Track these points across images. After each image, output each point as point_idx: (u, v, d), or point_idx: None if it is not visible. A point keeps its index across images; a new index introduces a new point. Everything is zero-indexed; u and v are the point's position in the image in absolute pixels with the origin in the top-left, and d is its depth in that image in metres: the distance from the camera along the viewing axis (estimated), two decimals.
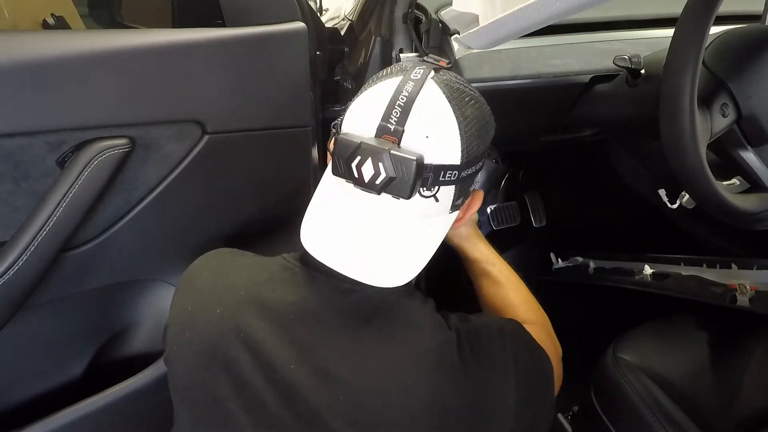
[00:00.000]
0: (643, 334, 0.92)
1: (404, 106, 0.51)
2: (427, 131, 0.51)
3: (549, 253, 1.48)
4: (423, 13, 0.90)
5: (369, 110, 0.53)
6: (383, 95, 0.52)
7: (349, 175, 0.52)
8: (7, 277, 0.69)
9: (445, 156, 0.51)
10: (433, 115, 0.51)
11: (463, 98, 0.54)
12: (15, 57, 0.62)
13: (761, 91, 0.67)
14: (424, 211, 0.54)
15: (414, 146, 0.50)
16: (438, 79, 0.54)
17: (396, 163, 0.49)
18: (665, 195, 0.81)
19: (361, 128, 0.52)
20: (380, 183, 0.50)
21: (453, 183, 0.53)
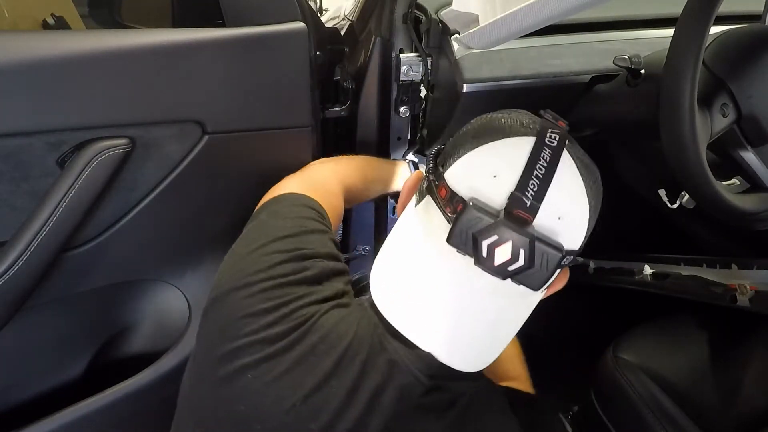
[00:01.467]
0: (643, 334, 0.92)
1: (543, 178, 0.44)
2: (561, 211, 0.45)
3: None
4: (423, 13, 0.90)
5: (497, 170, 0.46)
6: (516, 157, 0.46)
7: (474, 253, 0.45)
8: (7, 277, 0.69)
9: (571, 241, 0.46)
10: (569, 194, 0.46)
11: (592, 177, 0.49)
12: (15, 57, 0.62)
13: (761, 91, 0.67)
14: (526, 291, 0.48)
15: (546, 226, 0.45)
16: (572, 151, 0.48)
17: (539, 252, 0.43)
18: (665, 195, 0.81)
19: (485, 191, 0.46)
20: (512, 270, 0.44)
21: (565, 266, 0.49)
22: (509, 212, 0.44)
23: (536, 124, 0.49)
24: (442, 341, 0.47)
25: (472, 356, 0.48)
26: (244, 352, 0.48)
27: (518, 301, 0.49)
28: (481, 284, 0.47)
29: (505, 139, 0.48)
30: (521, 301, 0.49)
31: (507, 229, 0.43)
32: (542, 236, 0.44)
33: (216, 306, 0.52)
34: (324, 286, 0.53)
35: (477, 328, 0.48)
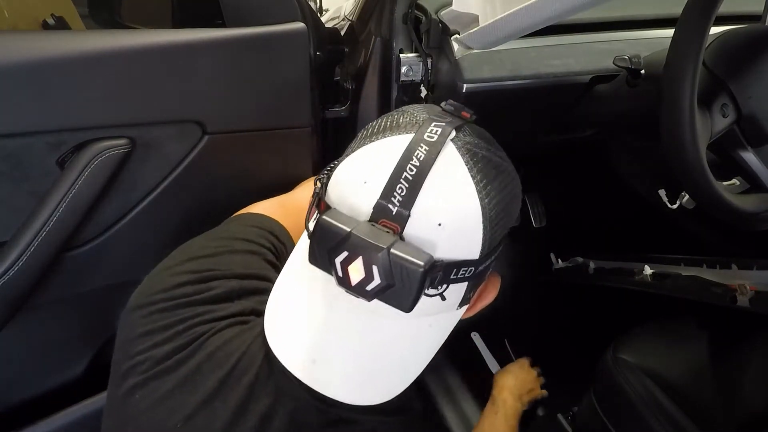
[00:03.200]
0: (643, 334, 0.92)
1: (413, 180, 0.38)
2: (440, 217, 0.38)
3: (549, 253, 1.48)
4: (423, 14, 0.90)
5: (364, 178, 0.39)
6: (385, 160, 0.39)
7: (330, 271, 0.39)
8: (7, 277, 0.69)
9: (461, 251, 0.39)
10: (450, 195, 0.39)
11: (489, 170, 0.41)
12: (15, 57, 0.62)
13: (761, 91, 0.67)
14: (425, 310, 0.41)
15: (422, 236, 0.38)
16: (460, 143, 0.41)
17: (396, 267, 0.36)
18: (665, 195, 0.81)
19: (352, 204, 0.39)
20: (372, 290, 0.37)
21: (467, 281, 0.41)
22: (374, 224, 0.38)
23: (426, 119, 0.42)
24: (321, 371, 0.42)
25: (365, 388, 0.42)
26: (135, 371, 0.45)
27: (421, 322, 0.42)
28: (355, 307, 0.41)
29: (384, 139, 0.41)
30: (426, 321, 0.43)
31: (357, 244, 0.36)
32: (402, 249, 0.36)
33: (122, 321, 0.50)
34: (234, 303, 0.50)
35: (364, 356, 0.42)
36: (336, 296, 0.41)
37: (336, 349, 0.42)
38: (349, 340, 0.42)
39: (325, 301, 0.42)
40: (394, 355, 0.43)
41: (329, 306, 0.42)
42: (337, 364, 0.42)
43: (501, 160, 0.44)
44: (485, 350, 1.34)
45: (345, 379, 0.42)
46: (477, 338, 1.35)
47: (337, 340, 0.42)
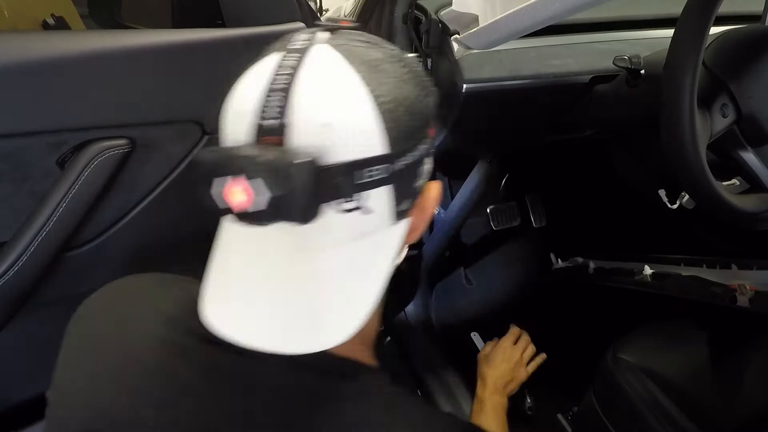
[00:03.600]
0: (643, 334, 0.92)
1: (283, 87, 0.35)
2: (323, 117, 0.35)
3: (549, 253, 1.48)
4: (423, 14, 0.90)
5: (239, 106, 0.37)
6: (255, 80, 0.37)
7: (217, 207, 0.36)
8: (7, 277, 0.69)
9: (360, 148, 0.35)
10: (328, 90, 0.36)
11: (372, 58, 0.38)
12: (15, 57, 0.62)
13: (761, 91, 0.67)
14: (353, 231, 0.37)
15: (309, 142, 0.35)
16: (334, 42, 0.38)
17: (273, 175, 0.33)
18: (665, 195, 0.81)
19: (235, 136, 0.37)
20: (261, 210, 0.34)
21: (385, 182, 0.37)
22: (256, 145, 0.35)
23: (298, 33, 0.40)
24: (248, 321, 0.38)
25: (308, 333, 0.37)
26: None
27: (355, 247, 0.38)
28: (270, 240, 0.37)
29: (255, 66, 0.39)
30: (360, 245, 0.38)
31: (223, 164, 0.34)
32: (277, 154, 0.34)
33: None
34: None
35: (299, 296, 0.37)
36: (259, 240, 0.38)
37: (266, 294, 0.38)
38: (277, 280, 0.38)
39: (250, 248, 0.39)
40: (336, 288, 0.38)
41: (256, 253, 0.38)
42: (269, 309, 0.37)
43: (388, 50, 0.40)
44: None
45: (284, 329, 0.37)
46: (477, 338, 1.35)
47: (263, 283, 0.38)
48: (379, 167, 0.36)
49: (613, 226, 1.46)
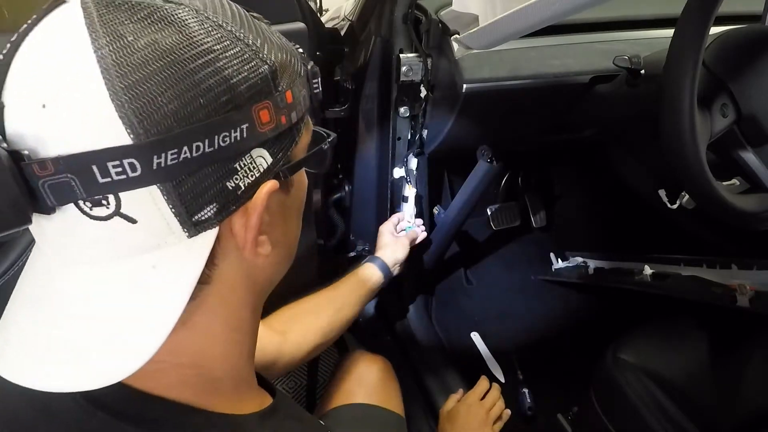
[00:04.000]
0: (643, 334, 0.92)
1: (4, 60, 0.29)
2: (41, 93, 0.27)
3: (549, 253, 1.48)
4: (423, 14, 0.90)
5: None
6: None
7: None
8: (7, 277, 0.69)
9: (89, 136, 0.27)
10: (50, 59, 0.28)
11: (132, 16, 0.28)
12: None
13: (761, 91, 0.67)
14: (119, 244, 0.29)
15: (25, 128, 0.27)
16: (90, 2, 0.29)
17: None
18: (665, 195, 0.81)
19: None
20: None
21: (141, 182, 0.27)
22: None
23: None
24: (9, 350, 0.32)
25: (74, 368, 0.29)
26: None
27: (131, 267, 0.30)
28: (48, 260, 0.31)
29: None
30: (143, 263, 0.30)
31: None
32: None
33: None
34: None
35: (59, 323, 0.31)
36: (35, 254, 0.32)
37: (21, 317, 0.31)
38: (42, 309, 0.31)
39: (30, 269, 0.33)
40: (104, 320, 0.30)
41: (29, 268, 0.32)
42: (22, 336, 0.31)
43: (168, 8, 0.29)
44: (485, 350, 1.34)
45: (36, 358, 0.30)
46: (477, 338, 1.35)
47: (21, 305, 0.32)
48: (124, 162, 0.27)
49: (613, 226, 1.46)
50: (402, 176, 1.10)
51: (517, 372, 1.27)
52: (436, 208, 1.28)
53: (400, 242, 0.99)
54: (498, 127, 1.04)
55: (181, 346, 0.31)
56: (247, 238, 0.33)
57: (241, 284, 0.35)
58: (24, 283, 0.33)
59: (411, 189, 1.11)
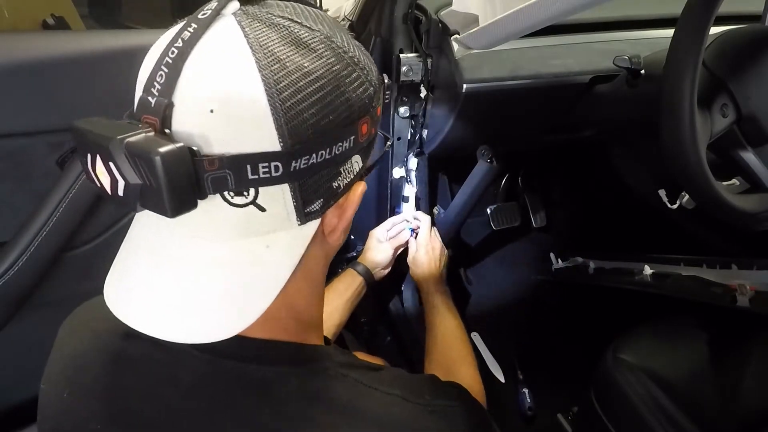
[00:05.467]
0: (643, 334, 0.92)
1: (173, 63, 0.32)
2: (210, 102, 0.32)
3: (549, 253, 1.48)
4: (423, 14, 0.90)
5: (140, 78, 0.36)
6: (154, 52, 0.35)
7: (92, 181, 0.34)
8: (8, 277, 0.69)
9: (248, 141, 0.32)
10: (219, 72, 0.32)
11: (279, 38, 0.34)
12: (15, 57, 0.62)
13: (761, 91, 0.67)
14: (245, 228, 0.35)
15: (192, 128, 0.32)
16: (243, 14, 0.35)
17: (134, 160, 0.30)
18: (665, 195, 0.81)
19: (136, 101, 0.35)
20: (124, 194, 0.32)
21: (280, 181, 0.34)
22: (137, 122, 0.33)
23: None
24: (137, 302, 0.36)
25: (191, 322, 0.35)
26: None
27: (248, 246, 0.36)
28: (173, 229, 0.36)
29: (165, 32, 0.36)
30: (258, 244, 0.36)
31: (91, 141, 0.32)
32: (141, 139, 0.30)
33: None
34: None
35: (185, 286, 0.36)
36: (156, 223, 0.36)
37: (150, 276, 0.37)
38: (161, 263, 0.36)
39: (148, 231, 0.38)
40: (224, 283, 0.36)
41: (153, 236, 0.37)
42: (150, 291, 0.36)
43: (309, 32, 0.35)
44: (485, 350, 1.34)
45: (158, 309, 0.35)
46: (477, 338, 1.35)
47: (150, 264, 0.37)
48: (270, 165, 0.33)
49: (613, 226, 1.46)
50: (402, 176, 1.10)
51: (517, 372, 1.27)
52: (436, 208, 1.28)
53: (383, 247, 1.01)
54: (498, 127, 1.04)
55: (280, 303, 0.36)
56: (339, 227, 0.41)
57: (320, 258, 0.43)
58: (141, 245, 0.38)
59: (411, 189, 1.11)
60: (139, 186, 0.31)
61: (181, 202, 0.31)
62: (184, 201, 0.31)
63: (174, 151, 0.30)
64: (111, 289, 0.38)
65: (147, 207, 0.32)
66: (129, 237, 0.40)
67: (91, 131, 0.32)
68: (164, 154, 0.29)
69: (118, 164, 0.31)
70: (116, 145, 0.30)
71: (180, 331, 0.35)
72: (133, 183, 0.31)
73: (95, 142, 0.32)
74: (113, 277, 0.39)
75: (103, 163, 0.32)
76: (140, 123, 0.32)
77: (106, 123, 0.33)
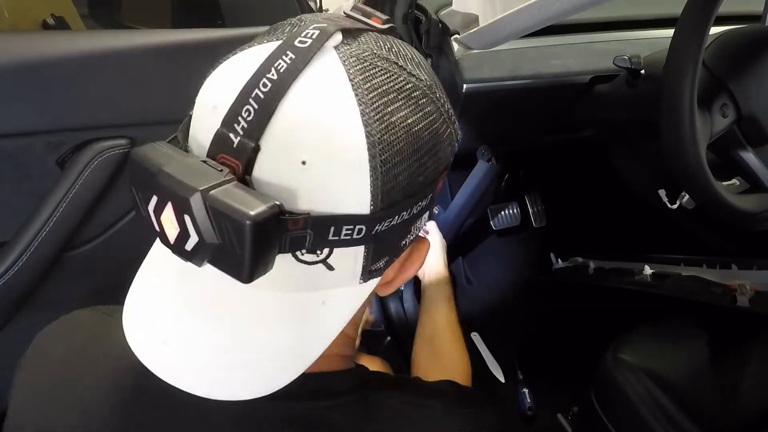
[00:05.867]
0: (643, 334, 0.92)
1: (265, 99, 0.28)
2: (304, 153, 0.28)
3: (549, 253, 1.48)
4: (423, 14, 0.90)
5: (214, 102, 0.30)
6: (240, 75, 0.29)
7: (148, 222, 0.29)
8: (7, 277, 0.69)
9: (338, 201, 0.29)
10: (320, 121, 0.28)
11: (387, 89, 0.30)
12: (15, 57, 0.62)
13: (761, 91, 0.67)
14: (308, 282, 0.32)
15: (278, 178, 0.28)
16: (347, 50, 0.30)
17: (217, 218, 0.25)
18: (665, 195, 0.81)
19: (198, 136, 0.31)
20: (193, 249, 0.27)
21: (359, 243, 0.30)
22: (210, 160, 0.28)
23: (311, 21, 0.32)
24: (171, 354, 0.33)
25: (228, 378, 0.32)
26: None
27: (304, 299, 0.32)
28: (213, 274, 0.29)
29: (250, 49, 0.31)
30: (314, 297, 0.32)
31: (165, 185, 0.27)
32: (228, 193, 0.26)
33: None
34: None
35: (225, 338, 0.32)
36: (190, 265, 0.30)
37: (191, 328, 0.33)
38: (205, 315, 0.32)
39: (177, 269, 0.33)
40: (269, 338, 0.32)
41: (181, 275, 0.33)
42: (190, 346, 0.32)
43: (414, 82, 0.31)
44: (485, 351, 1.34)
45: (200, 366, 0.32)
46: (477, 338, 1.35)
47: (190, 316, 0.33)
48: (354, 228, 0.29)
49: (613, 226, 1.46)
50: None
51: (517, 372, 1.27)
52: (436, 208, 1.27)
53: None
54: (498, 127, 1.04)
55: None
56: (394, 283, 0.38)
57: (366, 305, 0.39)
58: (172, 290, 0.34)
59: None
60: (214, 246, 0.26)
61: (261, 268, 0.27)
62: (264, 265, 0.27)
63: (267, 214, 0.25)
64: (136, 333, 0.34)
65: (218, 267, 0.27)
66: (153, 263, 0.36)
67: (163, 172, 0.27)
68: (257, 219, 0.25)
69: (195, 220, 0.26)
70: (198, 199, 0.25)
71: (228, 389, 0.32)
72: (209, 242, 0.26)
73: (168, 187, 0.26)
74: (133, 312, 0.35)
75: (176, 214, 0.27)
76: (217, 163, 0.28)
77: (178, 161, 0.27)
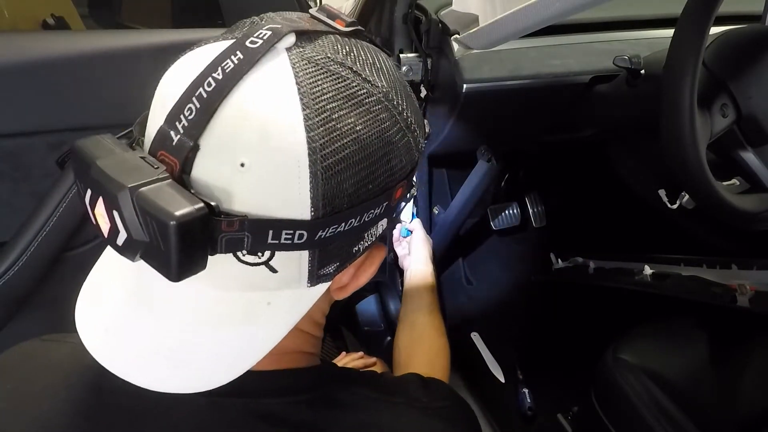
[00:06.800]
0: (643, 334, 0.92)
1: (207, 99, 0.27)
2: (243, 154, 0.28)
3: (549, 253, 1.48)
4: (423, 14, 0.90)
5: (164, 98, 0.30)
6: (188, 73, 0.29)
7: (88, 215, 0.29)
8: (7, 277, 0.69)
9: (276, 205, 0.29)
10: (260, 124, 0.28)
11: (335, 94, 0.29)
12: (15, 57, 0.62)
13: (761, 91, 0.67)
14: (253, 282, 0.32)
15: (215, 178, 0.28)
16: (299, 52, 0.30)
17: (144, 216, 0.25)
18: (665, 195, 0.81)
19: (149, 128, 0.31)
20: (123, 245, 0.27)
21: (300, 248, 0.30)
22: (150, 157, 0.28)
23: (270, 21, 0.32)
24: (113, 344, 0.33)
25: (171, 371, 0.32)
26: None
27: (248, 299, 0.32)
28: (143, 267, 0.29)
29: (207, 45, 0.32)
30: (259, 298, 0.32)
31: (97, 180, 0.26)
32: (158, 192, 0.25)
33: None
34: None
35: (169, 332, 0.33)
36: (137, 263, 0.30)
37: (133, 318, 0.33)
38: (149, 307, 0.33)
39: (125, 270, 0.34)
40: (213, 334, 0.32)
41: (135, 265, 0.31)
42: (130, 335, 0.33)
43: (368, 88, 0.31)
44: (485, 350, 1.34)
45: (142, 357, 0.32)
46: (477, 338, 1.35)
47: (136, 306, 0.33)
48: (295, 233, 0.29)
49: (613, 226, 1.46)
50: None
51: (517, 372, 1.27)
52: (436, 208, 1.27)
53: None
54: (498, 127, 1.04)
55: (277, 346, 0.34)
56: (348, 288, 0.37)
57: (323, 306, 0.41)
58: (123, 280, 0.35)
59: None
60: (143, 243, 0.26)
61: (190, 268, 0.27)
62: (192, 265, 0.27)
63: (192, 215, 0.25)
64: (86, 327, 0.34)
65: (148, 263, 0.27)
66: (112, 252, 0.34)
67: (95, 166, 0.27)
68: (181, 219, 0.25)
69: (123, 216, 0.26)
70: (126, 196, 0.25)
71: (168, 381, 0.32)
72: (137, 239, 0.26)
73: (99, 181, 0.26)
74: (85, 299, 0.36)
75: (106, 209, 0.27)
76: (155, 160, 0.28)
77: (115, 155, 0.28)
